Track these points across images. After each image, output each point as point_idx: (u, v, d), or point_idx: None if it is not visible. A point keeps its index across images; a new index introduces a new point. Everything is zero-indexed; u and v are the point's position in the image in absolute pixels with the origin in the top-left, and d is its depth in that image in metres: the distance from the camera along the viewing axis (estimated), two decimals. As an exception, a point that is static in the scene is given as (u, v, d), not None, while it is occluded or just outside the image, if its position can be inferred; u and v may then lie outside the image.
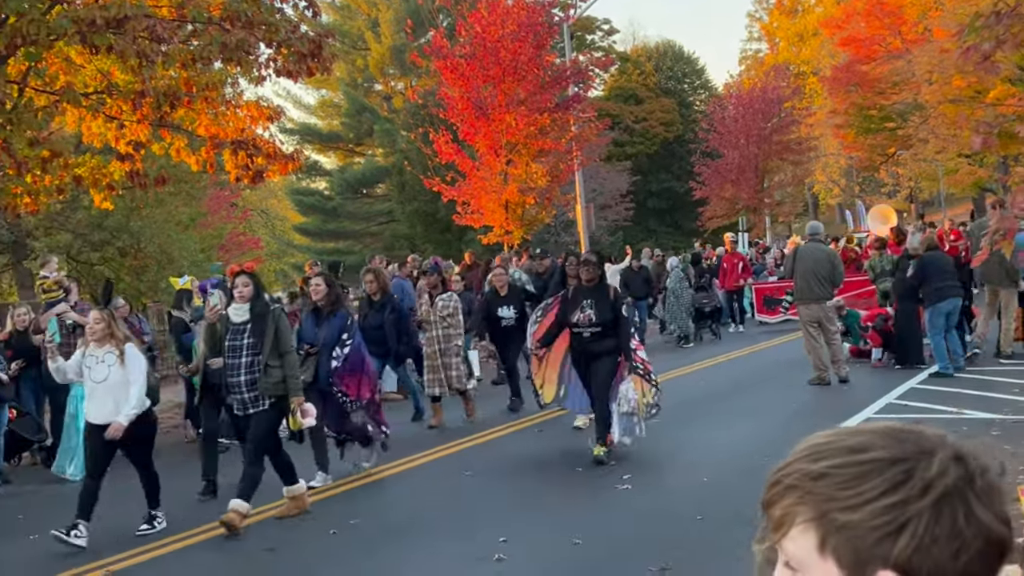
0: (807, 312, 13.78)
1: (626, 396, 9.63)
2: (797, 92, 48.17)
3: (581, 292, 10.06)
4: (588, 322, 9.86)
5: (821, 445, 1.15)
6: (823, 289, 13.71)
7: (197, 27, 12.81)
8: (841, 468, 1.09)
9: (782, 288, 22.95)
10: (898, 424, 1.15)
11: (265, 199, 57.51)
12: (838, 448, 1.12)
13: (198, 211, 30.68)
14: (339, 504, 9.03)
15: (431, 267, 14.58)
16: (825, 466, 1.11)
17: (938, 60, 30.13)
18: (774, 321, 23.18)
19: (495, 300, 13.97)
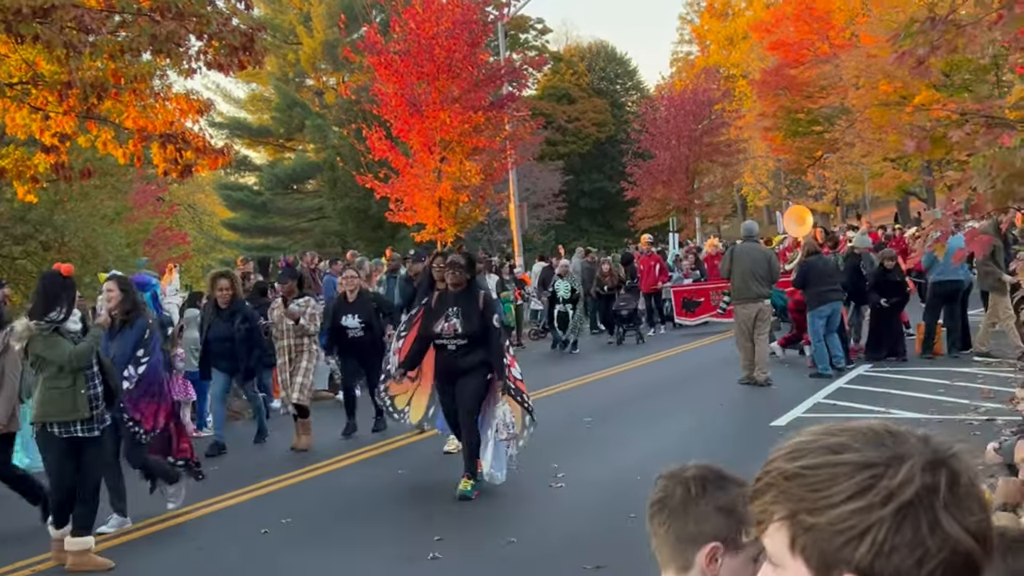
0: (744, 312, 13.80)
1: (504, 420, 8.50)
2: (727, 95, 48.75)
3: (447, 299, 8.76)
4: (452, 333, 8.58)
5: (802, 443, 1.14)
6: (761, 288, 13.78)
7: (126, 17, 12.56)
8: (815, 469, 1.09)
9: (700, 291, 22.90)
10: (885, 424, 1.14)
11: (192, 193, 56.70)
12: (816, 448, 1.12)
13: (124, 205, 30.14)
14: (271, 503, 8.92)
15: (286, 270, 12.87)
16: (800, 466, 1.11)
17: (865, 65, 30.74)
18: (693, 323, 22.79)
19: (341, 307, 12.19)
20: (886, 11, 30.65)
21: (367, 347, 11.97)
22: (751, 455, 1.19)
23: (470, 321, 8.57)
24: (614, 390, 14.54)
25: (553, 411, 13.00)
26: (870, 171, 36.48)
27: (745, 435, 10.31)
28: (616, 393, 14.19)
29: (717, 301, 22.07)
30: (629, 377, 15.84)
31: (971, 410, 10.84)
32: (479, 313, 8.60)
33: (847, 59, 33.39)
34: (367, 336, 12.00)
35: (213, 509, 8.80)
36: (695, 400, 13.00)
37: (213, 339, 11.46)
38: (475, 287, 8.82)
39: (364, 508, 8.53)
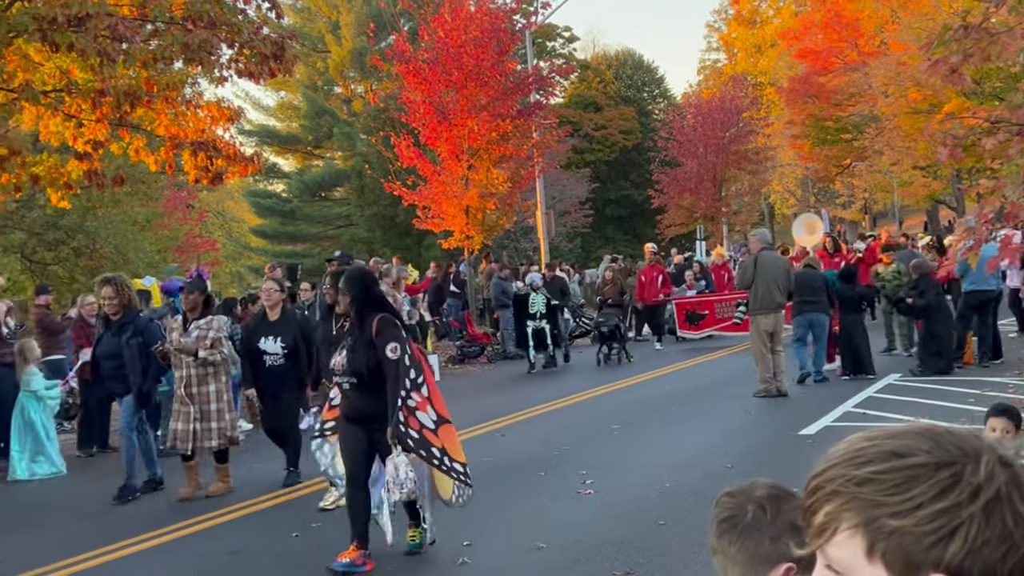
0: (764, 321, 13.58)
1: (397, 478, 6.82)
2: (755, 102, 48.54)
3: (348, 327, 7.30)
4: (341, 369, 7.03)
5: (862, 450, 1.12)
6: (782, 298, 13.68)
7: (159, 26, 12.70)
8: (887, 473, 1.08)
9: (705, 303, 22.04)
10: (932, 425, 1.15)
11: (222, 200, 57.06)
12: (881, 452, 1.10)
13: (154, 212, 30.41)
14: (301, 507, 8.97)
15: (193, 280, 10.67)
16: (870, 471, 1.09)
17: (895, 73, 30.54)
18: (697, 337, 21.86)
19: (259, 327, 10.09)
20: (916, 19, 30.44)
21: (286, 378, 9.93)
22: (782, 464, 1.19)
23: (356, 355, 6.93)
24: (636, 399, 14.54)
25: (580, 418, 13.04)
26: (899, 179, 36.23)
27: (775, 444, 10.29)
28: (640, 402, 14.19)
29: (723, 313, 21.33)
30: (647, 388, 15.82)
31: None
32: (367, 344, 6.91)
33: (876, 67, 33.18)
34: (288, 365, 9.93)
35: (244, 513, 8.87)
36: (721, 409, 12.97)
37: (101, 357, 10.12)
38: (369, 313, 7.06)
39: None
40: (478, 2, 23.27)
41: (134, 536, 8.20)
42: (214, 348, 9.55)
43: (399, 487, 6.82)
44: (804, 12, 49.87)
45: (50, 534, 8.63)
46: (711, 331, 21.70)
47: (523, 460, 10.36)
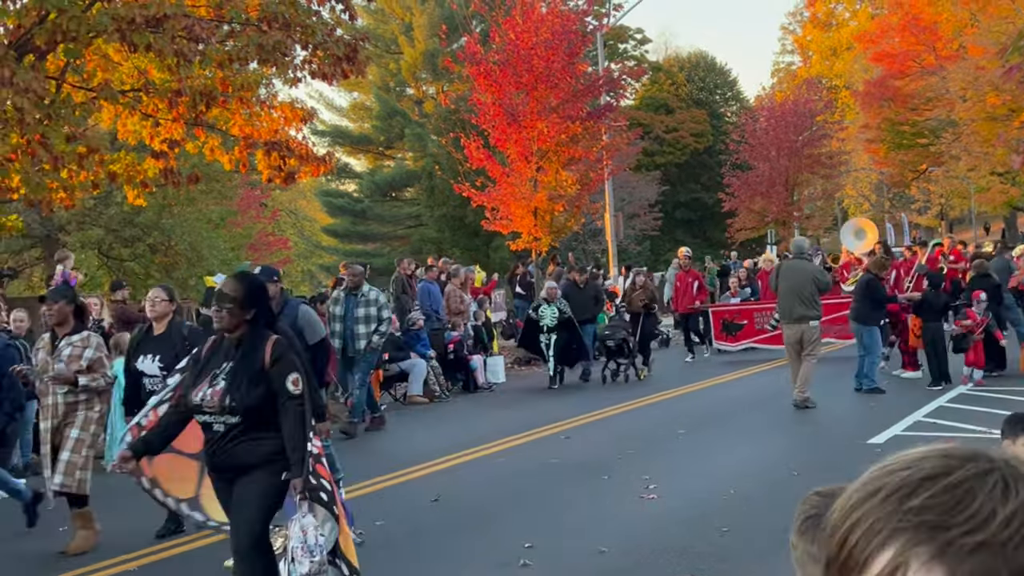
0: (788, 332, 13.38)
1: (306, 544, 5.36)
2: (829, 106, 47.97)
3: (219, 351, 5.62)
4: (218, 406, 5.40)
5: (902, 482, 1.06)
6: (806, 309, 13.23)
7: (234, 28, 12.91)
8: (939, 496, 1.04)
9: (745, 311, 20.62)
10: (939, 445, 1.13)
11: (294, 199, 57.77)
12: (921, 479, 1.05)
13: (228, 210, 30.89)
14: (364, 505, 9.05)
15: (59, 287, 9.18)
16: (924, 499, 1.04)
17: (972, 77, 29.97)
18: (734, 349, 20.45)
19: (141, 343, 8.18)
20: (995, 22, 29.82)
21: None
22: (849, 473, 1.16)
23: (240, 388, 5.38)
24: (701, 405, 14.44)
25: (644, 422, 12.99)
26: (976, 185, 35.54)
27: (842, 453, 10.15)
28: (705, 408, 14.10)
29: (762, 323, 19.88)
30: (711, 394, 15.70)
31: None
32: (259, 374, 5.42)
33: (954, 71, 32.58)
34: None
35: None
36: (788, 417, 12.82)
37: None
38: (262, 332, 5.56)
39: (455, 513, 8.61)
40: (550, 4, 23.30)
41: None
42: (94, 371, 8.01)
43: (308, 555, 5.36)
44: (881, 15, 49.14)
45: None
46: (749, 343, 20.31)
47: (586, 463, 10.34)
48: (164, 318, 8.09)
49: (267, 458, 5.41)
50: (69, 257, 13.79)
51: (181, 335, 7.99)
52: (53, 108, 12.14)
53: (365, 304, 13.28)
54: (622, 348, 17.27)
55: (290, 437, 5.36)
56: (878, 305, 14.24)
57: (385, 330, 13.46)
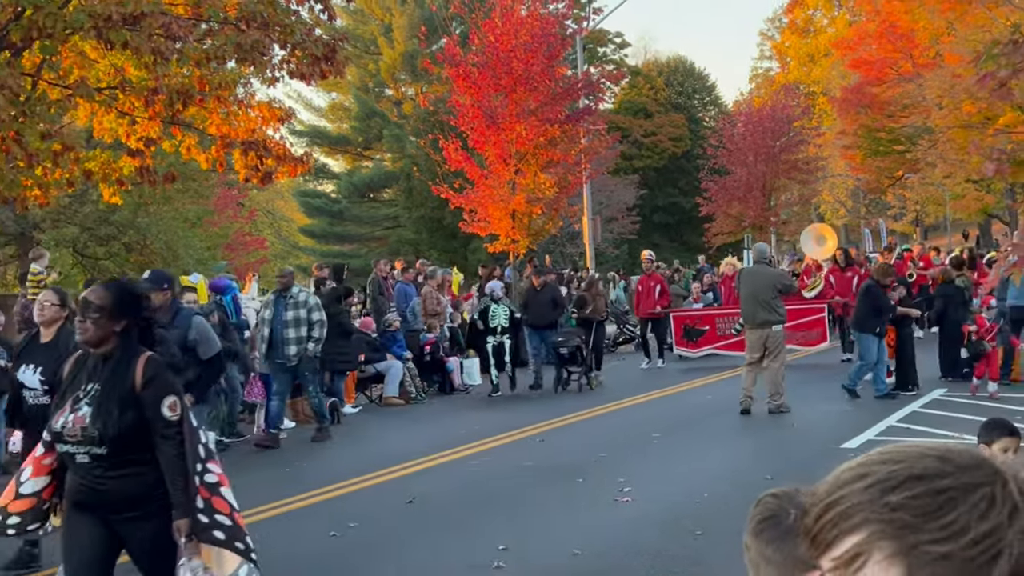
0: (750, 336, 13.44)
1: None
2: (807, 112, 48.15)
3: (82, 369, 4.76)
4: (80, 435, 4.56)
5: (889, 474, 1.07)
6: (767, 313, 13.23)
7: (212, 26, 12.84)
8: (920, 498, 1.04)
9: (707, 317, 20.08)
10: (942, 444, 1.12)
11: (272, 200, 57.58)
12: (910, 476, 1.06)
13: (205, 209, 30.78)
14: (338, 507, 9.03)
15: None
16: (904, 496, 1.04)
17: (949, 85, 30.15)
18: (695, 355, 19.86)
19: (24, 351, 7.28)
20: (971, 31, 30.02)
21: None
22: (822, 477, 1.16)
23: (109, 413, 4.54)
24: (677, 409, 14.48)
25: (619, 426, 13.02)
26: (951, 193, 35.80)
27: (816, 457, 10.19)
28: (681, 412, 14.14)
29: (725, 329, 19.39)
30: (688, 398, 15.75)
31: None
32: (129, 397, 4.59)
33: (930, 78, 32.78)
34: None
35: (281, 511, 8.95)
36: (763, 421, 12.87)
37: None
38: (132, 347, 4.72)
39: (430, 514, 8.60)
40: (529, 7, 23.32)
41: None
42: None
43: None
44: (858, 22, 49.45)
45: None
46: (711, 349, 19.76)
47: (561, 466, 10.35)
48: (53, 324, 7.07)
49: (147, 496, 4.58)
50: (44, 255, 13.67)
51: (68, 345, 6.65)
52: (28, 105, 12.04)
53: (294, 307, 12.66)
54: (575, 356, 16.60)
55: (169, 471, 4.54)
56: (876, 312, 13.98)
57: (319, 335, 12.69)
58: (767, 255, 14.31)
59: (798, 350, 18.48)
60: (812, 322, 18.43)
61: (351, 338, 15.19)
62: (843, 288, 18.29)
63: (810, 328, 18.34)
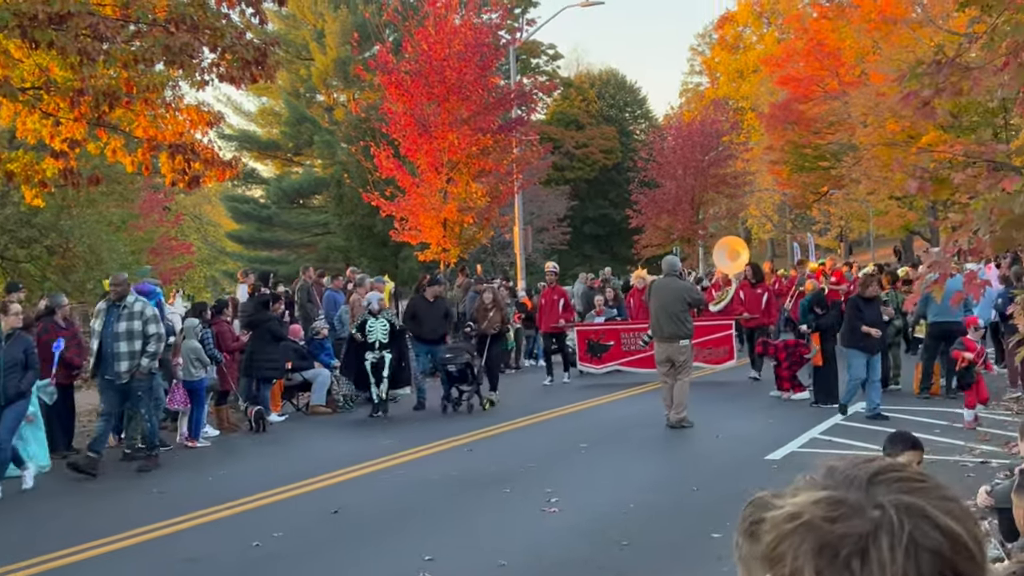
0: (658, 349, 13.46)
1: None
2: (735, 127, 48.90)
3: None
4: None
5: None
6: (675, 327, 13.23)
7: (141, 28, 12.64)
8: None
9: (612, 331, 19.23)
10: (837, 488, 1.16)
11: (199, 204, 56.80)
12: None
13: (130, 213, 30.23)
14: (262, 516, 8.92)
15: None
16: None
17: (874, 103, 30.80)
18: (599, 372, 19.06)
19: None
20: (896, 50, 30.75)
21: None
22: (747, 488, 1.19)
23: None
24: (606, 420, 14.54)
25: (548, 436, 13.04)
26: (875, 209, 36.52)
27: (741, 468, 10.31)
28: (610, 423, 14.19)
29: (631, 345, 18.69)
30: (618, 408, 15.83)
31: (966, 451, 10.83)
32: None
33: (856, 96, 33.48)
34: None
35: (205, 520, 8.81)
36: (689, 433, 12.96)
37: None
38: None
39: (355, 525, 8.53)
40: (463, 17, 23.33)
41: (86, 542, 8.13)
42: None
43: None
44: (787, 40, 50.32)
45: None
46: (616, 365, 18.97)
47: (489, 476, 10.34)
48: None
49: None
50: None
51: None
52: (-52, 104, 11.77)
53: (128, 318, 11.39)
54: (465, 374, 15.36)
55: None
56: (858, 326, 13.50)
57: (154, 350, 11.47)
58: (678, 268, 14.27)
59: (704, 368, 18.07)
60: (719, 339, 18.08)
61: (279, 345, 15.03)
62: (752, 304, 18.06)
63: (717, 345, 18.02)
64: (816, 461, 1.21)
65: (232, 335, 14.63)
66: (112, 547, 7.98)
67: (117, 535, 8.25)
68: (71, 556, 7.74)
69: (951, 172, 4.87)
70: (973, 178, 4.89)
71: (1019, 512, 4.41)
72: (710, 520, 7.84)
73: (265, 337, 14.70)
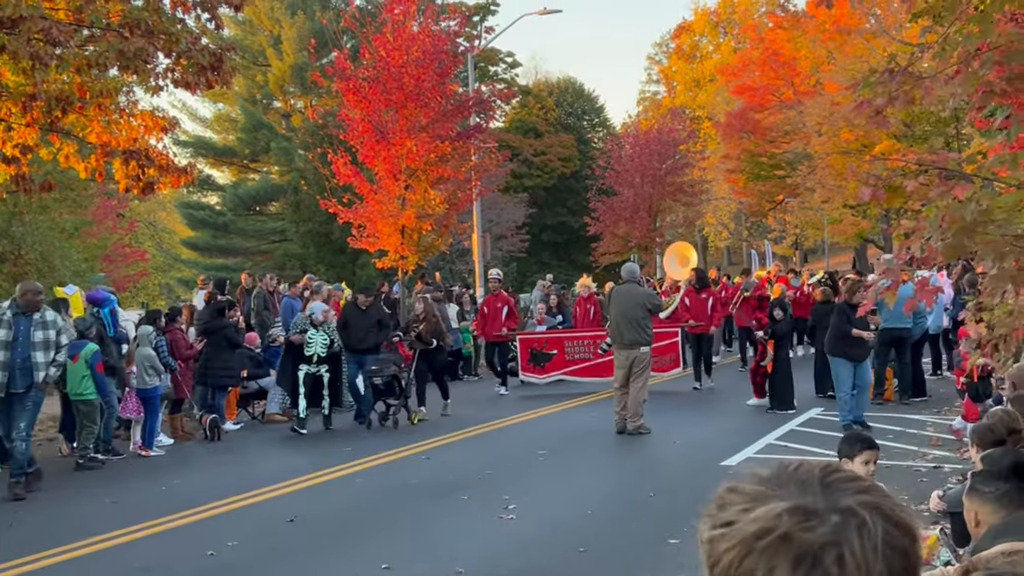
0: (618, 356, 13.41)
1: None
2: (692, 136, 49.18)
3: None
4: None
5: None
6: (636, 334, 13.23)
7: (95, 32, 12.53)
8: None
9: (555, 340, 18.59)
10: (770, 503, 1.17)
11: (153, 211, 56.28)
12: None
13: (83, 220, 29.88)
14: (217, 525, 8.83)
15: None
16: None
17: (828, 113, 31.17)
18: (542, 382, 18.29)
19: None
20: (850, 60, 31.14)
21: None
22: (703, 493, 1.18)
23: None
24: (565, 427, 14.56)
25: (506, 443, 13.03)
26: (829, 217, 36.93)
27: (697, 474, 10.36)
28: (567, 430, 14.21)
29: (575, 354, 18.10)
30: (575, 416, 15.85)
31: (919, 457, 10.96)
32: None
33: (811, 106, 33.88)
34: None
35: (159, 530, 8.72)
36: (646, 439, 13.01)
37: None
38: None
39: (312, 533, 8.47)
40: (421, 24, 23.29)
41: (38, 552, 8.01)
42: None
43: None
44: (743, 49, 50.82)
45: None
46: (559, 375, 18.34)
47: (447, 483, 10.31)
48: None
49: None
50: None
51: None
52: None
53: (43, 327, 10.90)
54: (392, 387, 14.62)
55: None
56: (845, 335, 13.16)
57: (62, 360, 11.11)
58: (637, 275, 14.19)
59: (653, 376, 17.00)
60: (665, 347, 17.67)
61: (234, 353, 14.91)
62: (698, 311, 18.06)
63: (663, 353, 17.57)
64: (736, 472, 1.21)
65: (186, 343, 14.47)
66: (65, 557, 7.87)
67: (70, 545, 8.14)
68: (23, 566, 7.62)
69: (904, 180, 4.92)
70: (925, 186, 4.95)
71: (970, 515, 4.46)
72: (668, 526, 7.88)
73: (221, 344, 14.56)
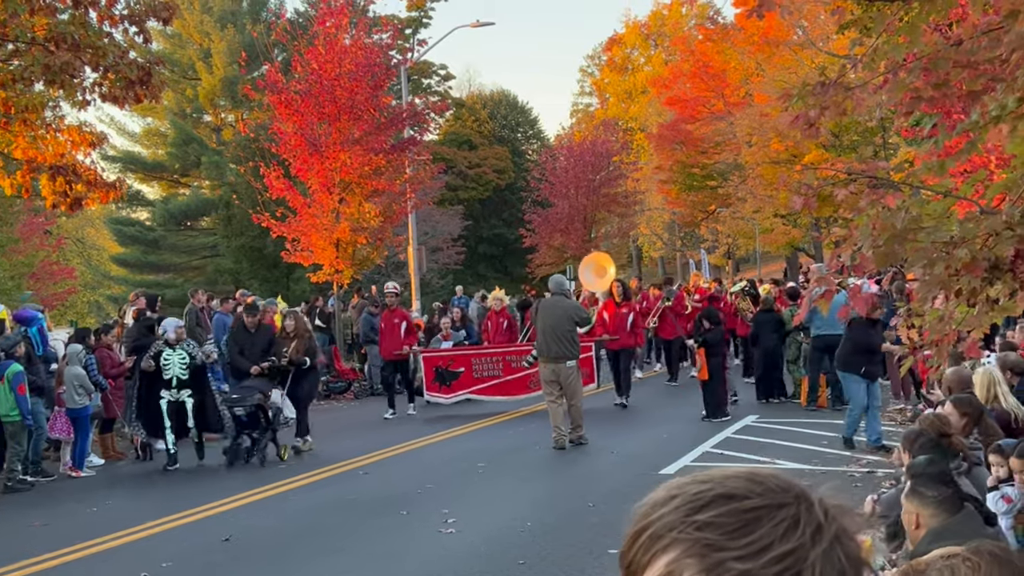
0: (544, 371, 13.26)
1: None
2: (625, 147, 49.61)
3: None
4: None
5: (697, 494, 1.09)
6: (562, 347, 13.04)
7: (19, 46, 12.31)
8: (726, 516, 1.05)
9: (461, 357, 17.55)
10: (755, 469, 1.15)
11: (82, 227, 55.34)
12: (716, 496, 1.07)
13: (9, 237, 29.32)
14: (150, 546, 8.67)
15: None
16: (710, 516, 1.06)
17: (758, 124, 31.63)
18: (448, 401, 17.39)
19: None
20: (779, 71, 31.63)
21: None
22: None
23: None
24: (504, 440, 14.54)
25: (445, 457, 12.97)
26: (761, 227, 37.40)
27: (636, 483, 10.39)
28: (507, 442, 14.19)
29: (482, 371, 17.23)
30: (515, 427, 15.84)
31: (853, 462, 11.12)
32: None
33: (741, 117, 34.37)
34: None
35: (90, 552, 8.54)
36: (583, 450, 13.04)
37: None
38: None
39: (248, 552, 8.35)
40: (353, 36, 23.20)
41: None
42: None
43: None
44: (674, 61, 51.33)
45: None
46: (466, 393, 17.34)
47: (385, 498, 10.23)
48: None
49: None
50: None
51: None
52: None
53: None
54: (256, 417, 12.95)
55: None
56: (860, 350, 12.38)
57: None
58: (565, 287, 14.05)
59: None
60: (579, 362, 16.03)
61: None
62: (617, 325, 17.22)
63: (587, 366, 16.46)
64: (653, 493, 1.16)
65: (114, 361, 14.19)
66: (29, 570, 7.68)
67: (21, 561, 7.94)
68: None
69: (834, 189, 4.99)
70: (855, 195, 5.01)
71: (908, 517, 4.52)
72: (607, 536, 7.89)
73: (153, 362, 14.29)
